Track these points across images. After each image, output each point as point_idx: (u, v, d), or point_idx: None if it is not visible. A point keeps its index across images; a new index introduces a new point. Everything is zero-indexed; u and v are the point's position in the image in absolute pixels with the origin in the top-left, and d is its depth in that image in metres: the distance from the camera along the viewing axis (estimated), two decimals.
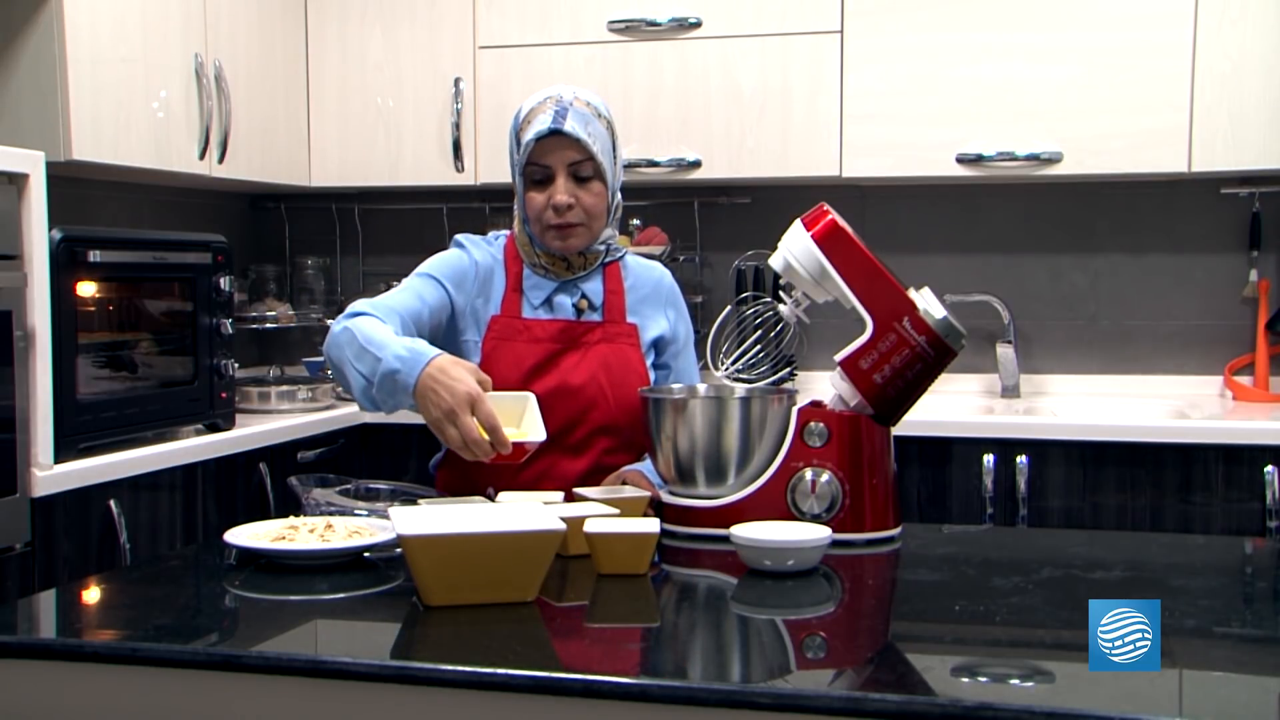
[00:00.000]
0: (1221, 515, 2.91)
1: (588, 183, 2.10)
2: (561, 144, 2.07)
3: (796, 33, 3.37)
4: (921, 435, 2.98)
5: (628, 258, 2.25)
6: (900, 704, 1.24)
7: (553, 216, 2.10)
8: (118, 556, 2.55)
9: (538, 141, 2.07)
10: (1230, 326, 3.48)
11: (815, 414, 1.94)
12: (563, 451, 2.11)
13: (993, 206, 3.62)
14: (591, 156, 2.08)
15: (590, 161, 2.08)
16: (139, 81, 2.99)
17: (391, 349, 1.85)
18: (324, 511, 1.95)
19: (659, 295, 2.26)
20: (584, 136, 2.07)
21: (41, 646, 1.48)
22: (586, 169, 2.09)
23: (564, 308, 2.17)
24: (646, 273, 2.27)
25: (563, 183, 2.09)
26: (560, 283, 2.17)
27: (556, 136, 2.07)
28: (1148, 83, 3.20)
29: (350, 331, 1.91)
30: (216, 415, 2.98)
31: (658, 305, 2.25)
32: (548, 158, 2.09)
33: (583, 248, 2.14)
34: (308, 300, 3.96)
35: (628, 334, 2.19)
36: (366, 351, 1.87)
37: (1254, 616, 1.67)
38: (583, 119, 2.08)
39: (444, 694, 1.34)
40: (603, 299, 2.19)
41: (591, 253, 2.17)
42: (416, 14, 3.61)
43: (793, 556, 1.72)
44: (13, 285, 2.37)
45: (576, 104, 2.09)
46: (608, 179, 2.12)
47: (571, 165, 2.08)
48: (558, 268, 2.16)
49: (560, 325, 2.15)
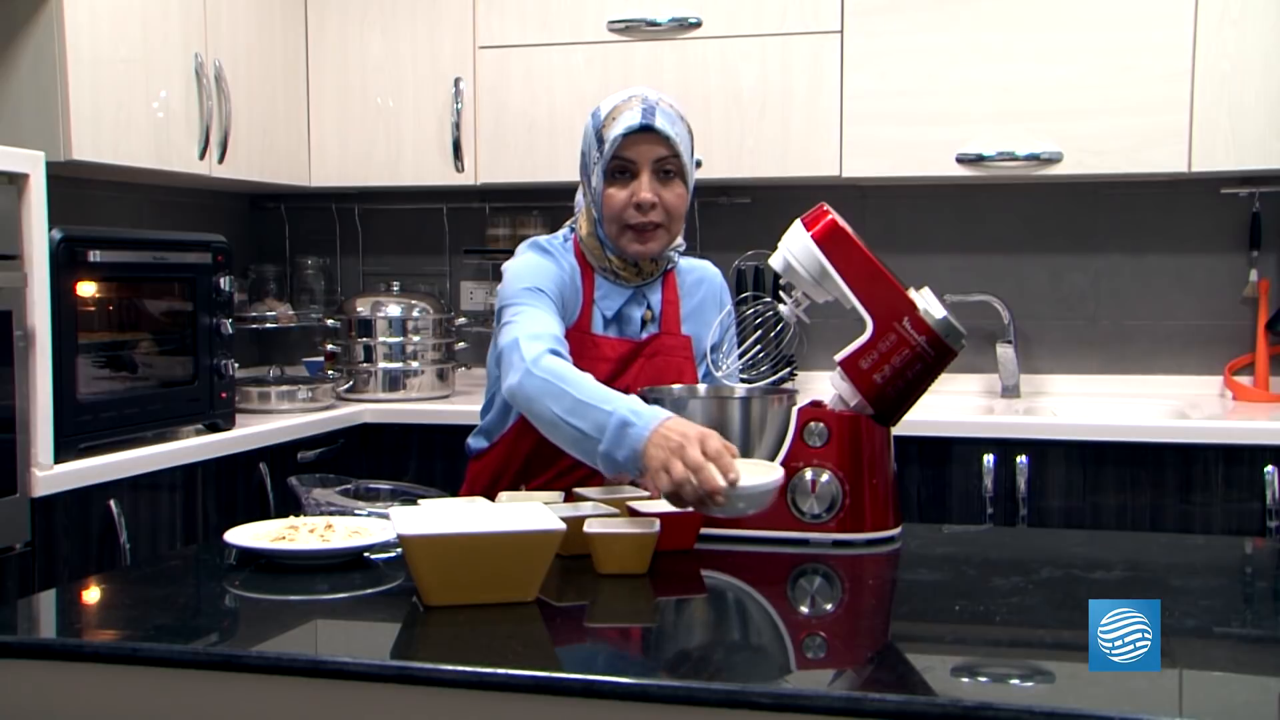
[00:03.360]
0: (1221, 515, 2.91)
1: (671, 181, 2.08)
2: (650, 140, 2.06)
3: (796, 33, 3.37)
4: (921, 435, 2.98)
5: (681, 261, 2.24)
6: (900, 704, 1.24)
7: (634, 215, 2.07)
8: (118, 556, 2.55)
9: (625, 136, 2.05)
10: (1230, 326, 3.48)
11: (815, 414, 1.94)
12: None
13: (993, 206, 3.62)
14: (678, 154, 2.07)
15: (676, 159, 2.07)
16: (139, 81, 2.99)
17: (622, 402, 1.79)
18: (324, 511, 1.95)
19: (711, 299, 2.26)
20: (672, 134, 2.06)
21: (41, 646, 1.48)
22: (672, 166, 2.08)
23: (632, 321, 2.16)
24: (698, 275, 2.26)
25: (648, 179, 2.06)
26: (631, 292, 2.16)
27: (646, 133, 2.05)
28: (1148, 83, 3.20)
29: (551, 384, 1.86)
30: (216, 415, 2.98)
31: (713, 309, 2.25)
32: (634, 153, 2.06)
33: (659, 252, 2.12)
34: (308, 300, 3.96)
35: (683, 346, 2.18)
36: (587, 405, 1.81)
37: (1254, 616, 1.67)
38: (669, 118, 2.07)
39: (444, 694, 1.34)
40: (661, 309, 2.18)
41: (663, 258, 2.15)
42: (416, 14, 3.61)
43: (743, 500, 1.68)
44: (13, 285, 2.37)
45: (662, 104, 2.09)
46: (689, 180, 2.11)
47: (657, 161, 2.07)
48: (628, 273, 2.14)
49: (629, 346, 2.14)
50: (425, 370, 3.55)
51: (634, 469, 1.76)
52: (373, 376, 3.52)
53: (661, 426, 1.73)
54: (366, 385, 3.52)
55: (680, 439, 1.69)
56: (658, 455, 1.70)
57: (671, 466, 1.67)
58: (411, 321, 3.54)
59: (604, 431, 1.77)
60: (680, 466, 1.67)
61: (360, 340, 3.53)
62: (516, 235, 3.67)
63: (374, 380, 3.52)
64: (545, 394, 1.86)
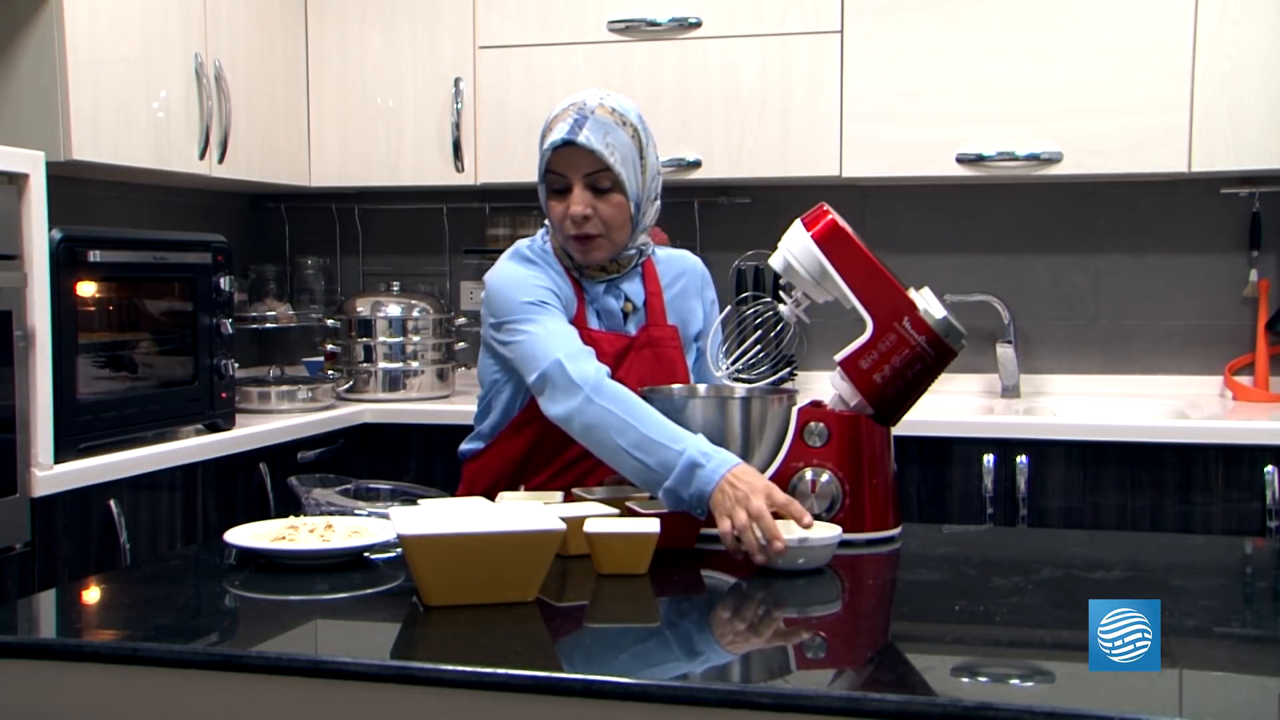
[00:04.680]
0: (1221, 515, 2.91)
1: (606, 194, 2.05)
2: (577, 155, 2.03)
3: (796, 33, 3.37)
4: (921, 435, 2.98)
5: (657, 251, 2.24)
6: (900, 704, 1.24)
7: (571, 227, 2.06)
8: (118, 556, 2.55)
9: (554, 151, 2.05)
10: (1230, 326, 3.48)
11: (815, 414, 1.94)
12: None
13: (993, 206, 3.62)
14: (608, 168, 2.03)
15: (607, 173, 2.03)
16: (139, 81, 2.99)
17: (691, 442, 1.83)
18: (324, 511, 1.95)
19: (693, 287, 2.26)
20: (599, 148, 2.02)
21: (41, 646, 1.48)
22: (604, 180, 2.04)
23: (614, 314, 2.16)
24: (678, 265, 2.27)
25: (579, 193, 2.04)
26: (605, 285, 2.16)
27: (571, 148, 2.03)
28: (1148, 83, 3.20)
29: (615, 414, 1.88)
30: (216, 415, 2.98)
31: (695, 296, 2.26)
32: (564, 168, 2.05)
33: (604, 260, 2.12)
34: (308, 300, 3.96)
35: (670, 337, 2.19)
36: (655, 443, 1.84)
37: (1254, 616, 1.67)
38: (601, 129, 2.03)
39: (444, 694, 1.34)
40: (644, 299, 2.19)
41: (623, 258, 2.15)
42: (416, 14, 3.61)
43: (803, 555, 1.72)
44: (13, 285, 2.37)
45: (599, 111, 2.05)
46: (629, 190, 2.06)
47: (588, 176, 2.04)
48: (592, 270, 2.15)
49: (624, 341, 2.14)
50: (425, 370, 3.55)
51: (699, 509, 1.81)
52: (373, 376, 3.52)
53: (730, 473, 1.78)
54: (366, 385, 3.52)
55: (747, 489, 1.75)
56: (724, 501, 1.76)
57: (735, 514, 1.74)
58: (411, 321, 3.54)
59: (671, 470, 1.82)
60: (743, 515, 1.73)
61: (360, 340, 3.53)
62: (516, 235, 3.66)
63: (374, 380, 3.52)
64: (608, 426, 1.88)
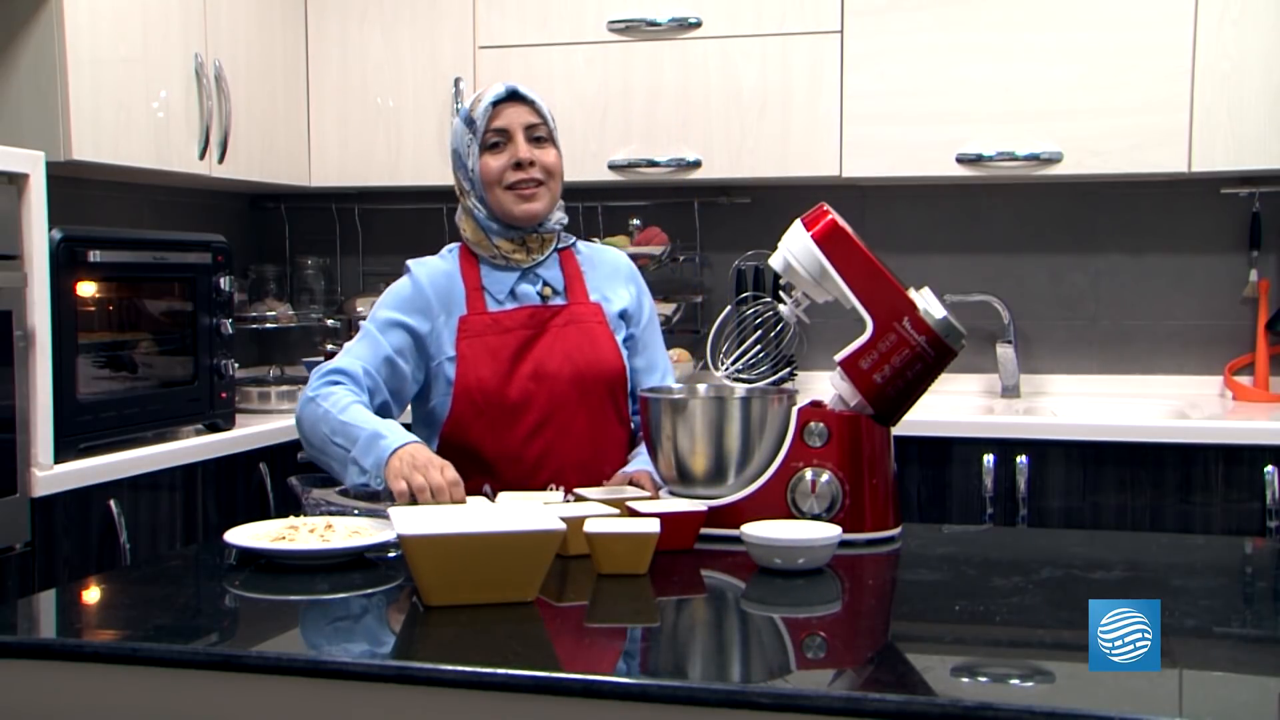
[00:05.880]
0: (1221, 515, 2.91)
1: (545, 145, 2.20)
2: (518, 107, 2.19)
3: (796, 33, 3.37)
4: (921, 435, 2.98)
5: (580, 244, 2.31)
6: (900, 704, 1.24)
7: (514, 174, 2.16)
8: (118, 556, 2.55)
9: (494, 106, 2.17)
10: (1230, 326, 3.48)
11: (815, 414, 1.94)
12: (556, 433, 2.15)
13: (993, 206, 3.62)
14: (545, 120, 2.20)
15: (544, 125, 2.20)
16: (139, 81, 2.99)
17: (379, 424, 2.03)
18: (324, 511, 1.95)
19: (619, 273, 2.32)
20: (538, 100, 2.21)
21: (41, 646, 1.48)
22: (542, 131, 2.20)
23: (529, 296, 2.21)
24: (603, 255, 2.34)
25: (523, 142, 2.18)
26: (521, 272, 2.21)
27: (513, 100, 2.18)
28: (1148, 83, 3.19)
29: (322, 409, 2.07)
30: (216, 415, 2.98)
31: (618, 281, 2.31)
32: (505, 120, 2.18)
33: (544, 212, 2.20)
34: (308, 300, 3.96)
35: (594, 313, 2.24)
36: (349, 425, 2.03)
37: (1254, 616, 1.67)
38: (531, 91, 2.21)
39: (444, 694, 1.34)
40: (564, 284, 2.24)
41: (548, 232, 2.22)
42: (416, 14, 3.61)
43: (803, 555, 1.72)
44: (13, 285, 2.37)
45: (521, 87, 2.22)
46: (560, 148, 2.23)
47: (528, 128, 2.18)
48: (517, 254, 2.20)
49: (528, 312, 2.19)
50: None
51: (378, 478, 1.97)
52: None
53: (409, 447, 1.96)
54: None
55: (425, 460, 1.93)
56: (400, 467, 1.94)
57: (411, 478, 1.91)
58: None
59: (356, 442, 2.01)
60: (420, 478, 1.90)
61: None
62: None
63: None
64: (316, 418, 2.08)
